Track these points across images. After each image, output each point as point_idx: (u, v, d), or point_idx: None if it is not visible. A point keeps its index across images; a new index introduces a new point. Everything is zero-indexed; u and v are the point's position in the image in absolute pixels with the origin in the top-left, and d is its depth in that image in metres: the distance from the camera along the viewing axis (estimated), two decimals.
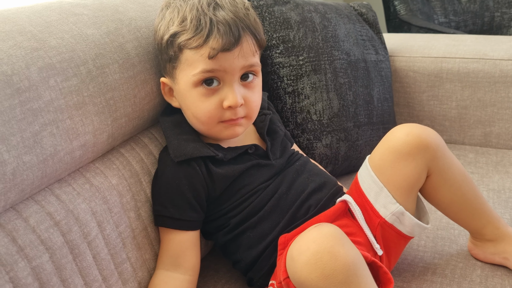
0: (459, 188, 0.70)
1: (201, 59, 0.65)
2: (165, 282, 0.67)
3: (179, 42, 0.66)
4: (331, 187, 0.74)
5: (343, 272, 0.51)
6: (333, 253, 0.51)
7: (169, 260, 0.68)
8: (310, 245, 0.52)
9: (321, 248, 0.52)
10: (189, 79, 0.66)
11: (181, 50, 0.66)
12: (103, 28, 0.66)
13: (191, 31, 0.65)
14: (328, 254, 0.51)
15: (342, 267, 0.51)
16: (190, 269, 0.69)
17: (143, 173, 0.71)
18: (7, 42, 0.55)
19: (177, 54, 0.67)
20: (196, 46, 0.65)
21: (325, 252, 0.51)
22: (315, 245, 0.52)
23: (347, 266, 0.51)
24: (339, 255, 0.51)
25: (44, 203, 0.57)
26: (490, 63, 1.13)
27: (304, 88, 0.96)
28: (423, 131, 0.68)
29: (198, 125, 0.70)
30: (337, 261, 0.51)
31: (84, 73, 0.61)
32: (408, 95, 1.21)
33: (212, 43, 0.64)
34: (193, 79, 0.66)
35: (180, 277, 0.68)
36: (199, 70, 0.65)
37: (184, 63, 0.67)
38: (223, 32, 0.64)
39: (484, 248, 0.74)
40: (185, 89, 0.68)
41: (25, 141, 0.53)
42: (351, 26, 1.08)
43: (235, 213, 0.70)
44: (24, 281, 0.52)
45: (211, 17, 0.64)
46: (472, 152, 1.14)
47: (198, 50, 0.65)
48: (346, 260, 0.51)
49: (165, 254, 0.69)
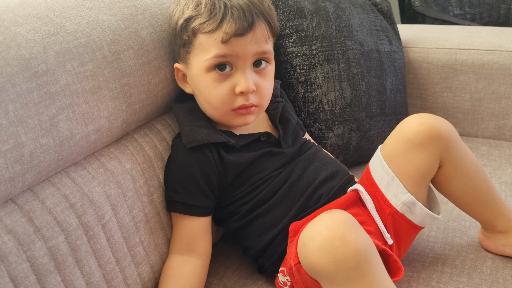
0: (471, 179, 0.70)
1: (214, 44, 0.65)
2: (179, 265, 0.68)
3: (193, 27, 0.66)
4: (343, 176, 0.74)
5: (354, 258, 0.51)
6: (344, 239, 0.52)
7: (183, 246, 0.69)
8: (322, 230, 0.53)
9: (333, 233, 0.52)
10: (202, 63, 0.67)
11: (195, 35, 0.67)
12: (118, 14, 0.67)
13: (205, 15, 0.65)
14: (339, 240, 0.52)
15: (353, 253, 0.51)
16: (203, 253, 0.70)
17: (156, 158, 0.72)
18: (25, 26, 0.55)
19: (191, 39, 0.67)
20: (209, 31, 0.65)
21: (336, 237, 0.52)
22: (327, 231, 0.52)
23: (358, 252, 0.51)
24: (350, 241, 0.52)
25: (60, 185, 0.58)
26: (505, 55, 1.12)
27: (317, 78, 0.96)
28: (436, 121, 0.68)
29: (210, 111, 0.71)
30: (348, 247, 0.51)
31: (99, 58, 0.61)
32: (422, 87, 1.20)
33: (225, 28, 0.64)
34: (206, 63, 0.66)
35: (194, 260, 0.69)
36: (212, 54, 0.66)
37: (197, 47, 0.67)
38: (237, 17, 0.64)
39: (495, 240, 0.74)
40: (198, 74, 0.68)
41: (42, 124, 0.54)
42: (365, 16, 1.07)
43: (246, 200, 0.71)
44: (41, 260, 0.53)
45: (225, 2, 0.65)
46: (485, 145, 1.13)
47: (211, 34, 0.65)
48: (358, 246, 0.52)
49: (178, 239, 0.70)
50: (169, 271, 0.68)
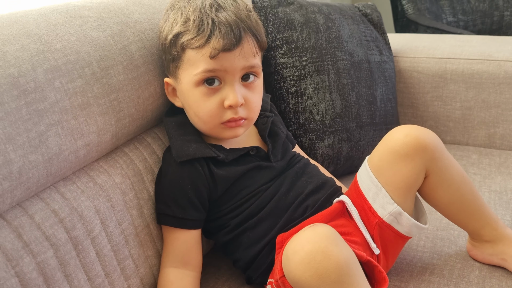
0: (457, 189, 0.71)
1: (203, 59, 0.66)
2: (180, 278, 0.69)
3: (182, 42, 0.67)
4: (329, 188, 0.75)
5: (336, 272, 0.52)
6: (326, 253, 0.52)
7: (177, 259, 0.70)
8: (304, 245, 0.54)
9: (315, 247, 0.53)
10: (191, 78, 0.68)
11: (183, 50, 0.68)
12: (108, 30, 0.68)
13: (194, 31, 0.66)
14: (321, 254, 0.52)
15: (335, 267, 0.52)
16: (196, 266, 0.71)
17: (146, 172, 0.72)
18: (14, 44, 0.56)
19: (180, 54, 0.68)
20: (198, 46, 0.66)
21: (318, 251, 0.53)
22: (309, 245, 0.53)
23: (340, 266, 0.52)
24: (332, 255, 0.52)
25: (49, 200, 0.59)
26: (494, 64, 1.13)
27: (307, 89, 0.97)
28: (422, 133, 0.69)
29: (200, 124, 0.72)
30: (330, 261, 0.52)
31: (88, 75, 0.62)
32: (412, 96, 1.21)
33: (213, 43, 0.66)
34: (195, 78, 0.68)
35: (191, 274, 0.70)
36: (200, 69, 0.67)
37: (186, 62, 0.68)
38: (225, 33, 0.65)
39: (483, 249, 0.75)
40: (187, 88, 0.69)
41: (31, 141, 0.55)
42: (355, 27, 1.08)
43: (236, 213, 0.72)
44: (29, 275, 0.54)
45: (213, 18, 0.66)
46: (476, 153, 1.14)
47: (200, 50, 0.66)
48: (339, 259, 0.52)
49: (171, 253, 0.71)
50: (170, 286, 0.69)
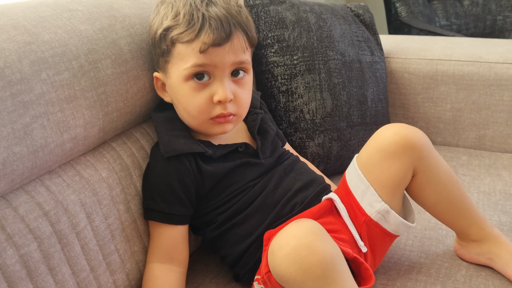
0: (444, 188, 0.71)
1: (193, 53, 0.66)
2: (165, 274, 0.69)
3: (172, 36, 0.67)
4: (318, 185, 0.75)
5: (320, 267, 0.52)
6: (311, 248, 0.52)
7: (163, 254, 0.70)
8: (289, 240, 0.54)
9: (300, 242, 0.53)
10: (181, 73, 0.68)
11: (173, 44, 0.68)
12: (96, 24, 0.68)
13: (184, 25, 0.66)
14: (306, 249, 0.52)
15: (319, 262, 0.52)
16: (183, 261, 0.71)
17: (134, 167, 0.72)
18: (0, 36, 0.56)
19: (169, 48, 0.68)
20: (188, 40, 0.66)
21: (304, 246, 0.52)
22: (295, 240, 0.53)
23: (325, 261, 0.52)
24: (317, 250, 0.52)
25: (33, 193, 0.58)
26: (485, 66, 1.14)
27: (298, 88, 0.97)
28: (410, 131, 0.69)
29: (189, 120, 0.71)
30: (315, 256, 0.52)
31: (76, 68, 0.62)
32: (403, 97, 1.22)
33: (203, 38, 0.65)
34: (184, 73, 0.67)
35: (177, 269, 0.70)
36: (190, 64, 0.67)
37: (176, 57, 0.68)
38: (215, 27, 0.65)
39: (470, 249, 0.75)
40: (177, 83, 0.69)
41: (16, 133, 0.54)
42: (347, 27, 1.08)
43: (223, 209, 0.72)
44: (12, 268, 0.53)
45: (203, 12, 0.66)
46: (466, 155, 1.14)
47: (189, 44, 0.66)
48: (324, 255, 0.52)
49: (157, 248, 0.70)
50: (155, 281, 0.68)
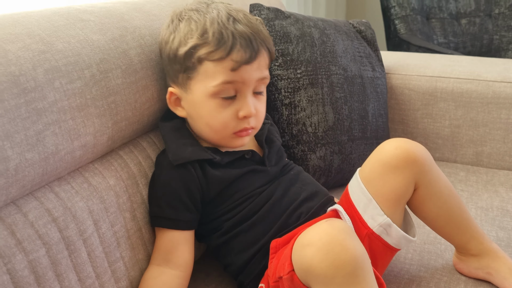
0: (445, 202, 0.72)
1: (222, 71, 0.68)
2: (154, 277, 0.69)
3: (200, 55, 0.68)
4: (322, 196, 0.76)
5: (352, 264, 0.53)
6: (344, 245, 0.54)
7: (160, 256, 0.70)
8: (322, 236, 0.55)
9: (333, 239, 0.54)
10: (208, 90, 0.69)
11: (200, 62, 0.68)
12: (108, 34, 0.69)
13: (214, 44, 0.67)
14: (339, 246, 0.54)
15: (351, 259, 0.53)
16: (181, 265, 0.71)
17: (140, 175, 0.73)
18: (16, 44, 0.57)
19: (195, 66, 0.69)
20: (218, 59, 0.67)
21: (337, 243, 0.54)
22: (328, 236, 0.55)
23: (356, 259, 0.54)
24: (349, 248, 0.54)
25: (43, 199, 0.59)
26: (483, 84, 1.16)
27: (301, 101, 0.99)
28: (412, 146, 0.70)
29: (211, 134, 0.73)
30: (347, 253, 0.53)
31: (88, 77, 0.63)
32: (403, 112, 1.24)
33: (234, 56, 0.67)
34: (212, 90, 0.69)
35: (170, 271, 0.70)
36: (219, 81, 0.68)
37: (202, 74, 0.69)
38: (245, 46, 0.68)
39: (468, 263, 0.76)
40: (201, 99, 0.70)
41: (29, 139, 0.55)
42: (349, 42, 1.11)
43: (229, 216, 0.73)
44: (21, 273, 0.54)
45: (232, 31, 0.67)
46: (463, 171, 1.16)
47: (220, 62, 0.68)
48: (356, 253, 0.54)
49: (157, 250, 0.71)
50: (142, 283, 0.69)
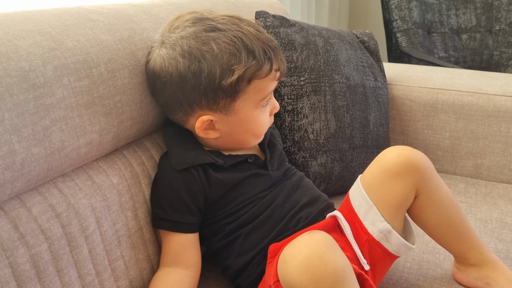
0: (445, 210, 0.73)
1: (269, 83, 0.71)
2: (165, 274, 0.70)
3: (249, 77, 0.68)
4: (322, 202, 0.77)
5: (332, 277, 0.53)
6: (323, 258, 0.54)
7: (170, 259, 0.71)
8: (302, 249, 0.55)
9: (313, 252, 0.54)
10: (256, 104, 0.72)
11: (249, 82, 0.69)
12: (117, 35, 0.70)
13: (260, 62, 0.68)
14: (319, 259, 0.53)
15: (331, 272, 0.53)
16: (191, 266, 0.72)
17: (143, 175, 0.73)
18: (27, 40, 0.58)
19: (244, 88, 0.69)
20: (266, 74, 0.70)
21: (316, 256, 0.54)
22: (307, 250, 0.54)
23: (336, 272, 0.53)
24: (329, 260, 0.54)
25: (47, 195, 0.60)
26: (484, 97, 1.17)
27: (303, 108, 1.00)
28: (413, 153, 0.71)
29: (252, 140, 0.76)
30: (327, 266, 0.53)
31: (96, 75, 0.64)
32: (404, 123, 1.25)
33: (275, 66, 0.71)
34: (261, 103, 0.72)
35: (181, 271, 0.70)
36: (268, 92, 0.72)
37: (250, 92, 0.70)
38: (279, 56, 0.72)
39: (467, 273, 0.76)
40: (249, 114, 0.72)
41: (36, 134, 0.56)
42: (353, 52, 1.12)
43: (231, 220, 0.73)
44: (22, 267, 0.54)
45: (268, 44, 0.70)
46: (463, 182, 1.17)
47: (267, 76, 0.70)
48: (336, 266, 0.54)
49: (165, 253, 0.72)
50: (154, 281, 0.69)
